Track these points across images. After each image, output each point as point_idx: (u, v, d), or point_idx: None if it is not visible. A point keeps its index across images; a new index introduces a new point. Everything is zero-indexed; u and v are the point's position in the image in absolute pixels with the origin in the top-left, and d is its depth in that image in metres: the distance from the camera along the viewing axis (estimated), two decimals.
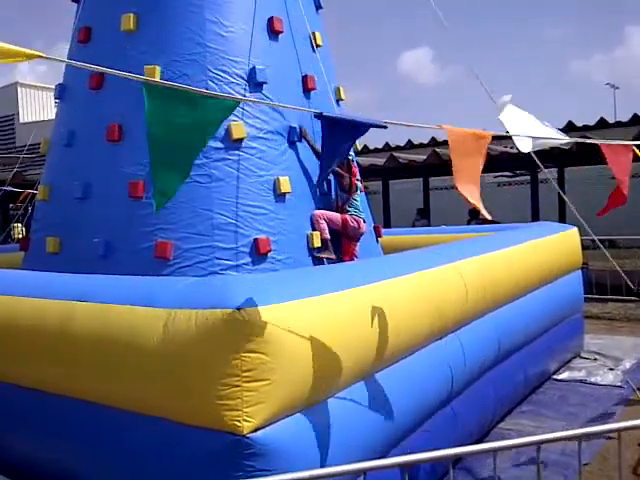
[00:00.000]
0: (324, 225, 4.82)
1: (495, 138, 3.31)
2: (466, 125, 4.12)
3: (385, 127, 3.48)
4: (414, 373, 3.46)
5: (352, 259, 5.00)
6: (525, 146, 3.52)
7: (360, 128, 3.49)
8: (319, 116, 3.27)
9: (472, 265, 4.26)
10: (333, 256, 4.82)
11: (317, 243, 4.73)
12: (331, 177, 5.09)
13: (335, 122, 3.51)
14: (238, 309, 2.44)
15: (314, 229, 4.79)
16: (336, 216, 4.95)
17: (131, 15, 4.67)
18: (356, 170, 5.15)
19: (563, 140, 3.93)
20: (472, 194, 3.04)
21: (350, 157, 5.05)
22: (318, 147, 4.84)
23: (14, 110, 24.63)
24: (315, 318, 2.75)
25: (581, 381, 5.88)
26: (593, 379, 5.89)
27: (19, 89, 24.93)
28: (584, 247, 6.86)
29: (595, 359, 6.55)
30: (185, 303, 2.64)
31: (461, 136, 3.18)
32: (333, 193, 5.13)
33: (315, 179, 4.95)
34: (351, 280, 3.15)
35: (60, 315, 3.04)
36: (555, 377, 5.99)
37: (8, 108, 24.62)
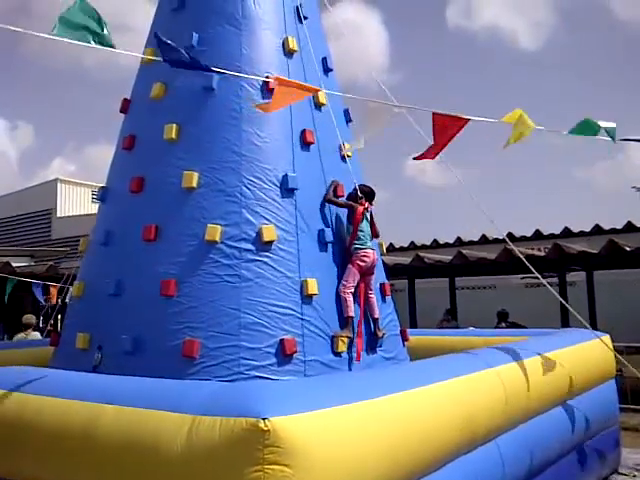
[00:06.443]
0: (350, 300, 4.86)
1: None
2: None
3: None
4: None
5: (367, 295, 5.10)
6: None
7: None
8: None
9: (503, 374, 4.17)
10: (350, 335, 4.80)
11: (342, 348, 4.72)
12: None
13: None
14: (263, 419, 2.42)
15: (341, 330, 4.79)
16: (352, 272, 4.97)
17: (174, 125, 4.99)
18: (365, 202, 5.22)
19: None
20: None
21: (360, 195, 5.17)
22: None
23: (52, 205, 25.76)
24: (341, 428, 2.71)
25: None
26: None
27: (59, 185, 26.19)
28: (617, 352, 6.65)
29: (634, 475, 6.20)
30: (210, 409, 2.64)
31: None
32: (345, 227, 5.24)
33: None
34: (378, 388, 3.11)
35: (85, 417, 3.04)
36: None
37: (46, 203, 25.76)
